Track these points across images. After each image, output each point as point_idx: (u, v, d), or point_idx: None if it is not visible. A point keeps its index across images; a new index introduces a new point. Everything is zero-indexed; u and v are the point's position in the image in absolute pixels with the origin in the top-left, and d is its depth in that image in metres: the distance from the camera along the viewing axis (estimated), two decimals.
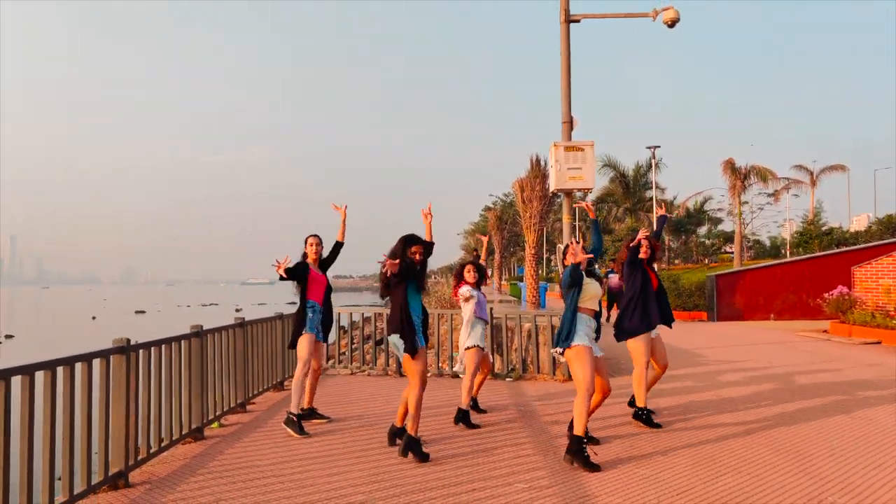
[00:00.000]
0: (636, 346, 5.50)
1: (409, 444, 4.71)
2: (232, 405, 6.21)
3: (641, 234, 5.74)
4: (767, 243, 56.02)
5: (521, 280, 29.28)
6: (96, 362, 3.99)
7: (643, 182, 41.42)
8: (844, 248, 19.40)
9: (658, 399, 6.61)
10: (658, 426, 5.48)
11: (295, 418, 5.57)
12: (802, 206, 55.02)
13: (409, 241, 4.90)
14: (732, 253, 47.80)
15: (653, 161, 27.56)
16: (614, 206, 42.23)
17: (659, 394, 6.89)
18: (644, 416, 5.55)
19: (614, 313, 13.64)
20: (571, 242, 4.86)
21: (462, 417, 5.71)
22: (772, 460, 4.46)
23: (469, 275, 6.12)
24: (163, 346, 4.84)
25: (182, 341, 5.18)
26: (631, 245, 5.78)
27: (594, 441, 5.00)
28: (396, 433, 4.98)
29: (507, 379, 8.14)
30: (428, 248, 5.01)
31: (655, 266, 5.98)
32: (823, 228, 32.59)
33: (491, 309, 8.16)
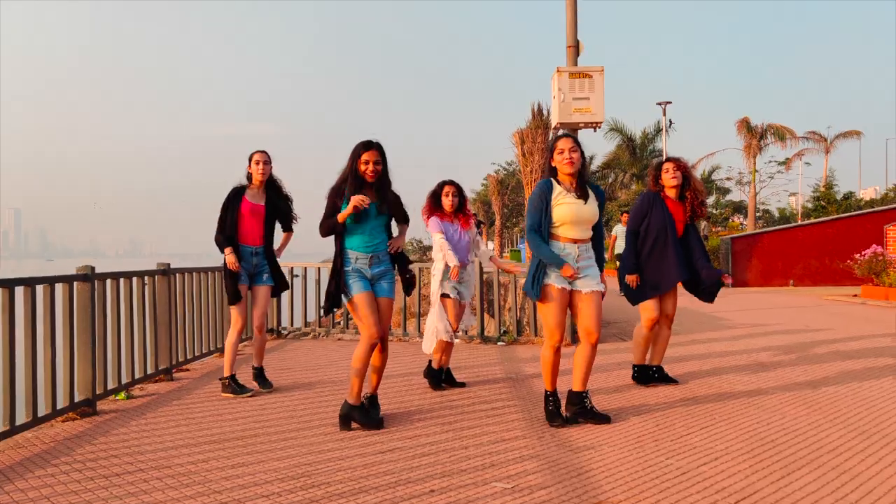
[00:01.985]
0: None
1: (346, 415, 3.67)
2: (150, 372, 4.96)
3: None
4: (776, 214, 54.43)
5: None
6: None
7: (651, 147, 39.76)
8: (874, 209, 17.89)
9: (684, 364, 5.34)
10: (655, 379, 4.71)
11: (227, 381, 4.56)
12: (814, 175, 53.51)
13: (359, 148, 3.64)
14: (742, 224, 46.27)
15: (663, 119, 25.99)
16: (621, 172, 40.65)
17: (685, 359, 5.63)
18: (635, 375, 4.73)
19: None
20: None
21: (428, 373, 4.74)
22: (859, 447, 3.18)
23: (447, 200, 4.64)
24: (38, 288, 3.57)
25: (57, 284, 3.90)
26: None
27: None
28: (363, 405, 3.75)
29: (500, 342, 6.87)
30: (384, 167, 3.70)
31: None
32: (841, 195, 31.03)
33: (480, 262, 6.86)
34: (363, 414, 3.65)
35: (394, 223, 3.91)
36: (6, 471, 3.04)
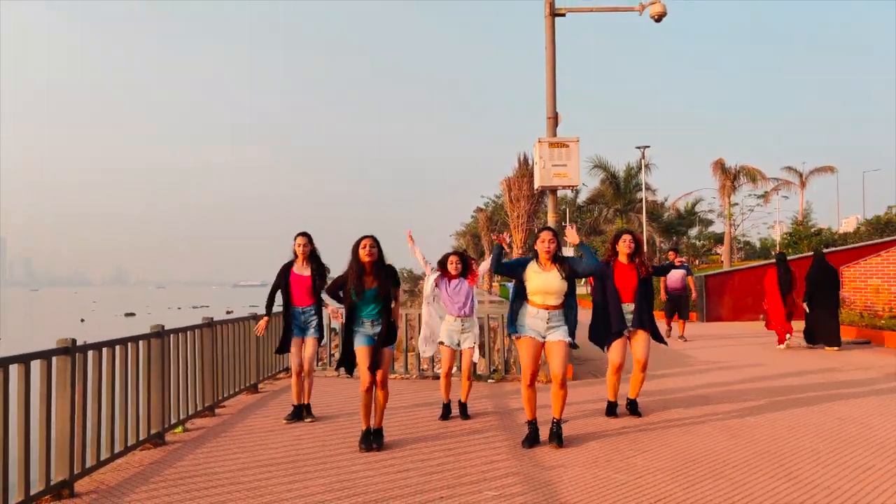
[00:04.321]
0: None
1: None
2: (199, 408, 5.96)
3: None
4: (757, 245, 56.08)
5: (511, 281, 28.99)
6: (36, 364, 3.74)
7: (634, 183, 41.34)
8: (832, 249, 19.28)
9: (643, 397, 6.40)
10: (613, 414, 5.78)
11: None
12: (792, 208, 55.38)
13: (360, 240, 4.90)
14: (721, 254, 47.77)
15: (643, 161, 27.45)
16: (605, 207, 42.13)
17: (646, 393, 6.69)
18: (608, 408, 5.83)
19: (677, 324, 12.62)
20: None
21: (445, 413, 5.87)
22: (755, 463, 4.26)
23: (452, 267, 5.87)
24: (117, 348, 4.58)
25: (140, 342, 4.93)
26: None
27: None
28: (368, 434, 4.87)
29: (490, 380, 7.93)
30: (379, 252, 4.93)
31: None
32: (813, 230, 32.63)
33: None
34: (365, 437, 4.84)
35: None
36: (116, 488, 4.04)
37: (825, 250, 19.76)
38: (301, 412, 5.91)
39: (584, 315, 5.31)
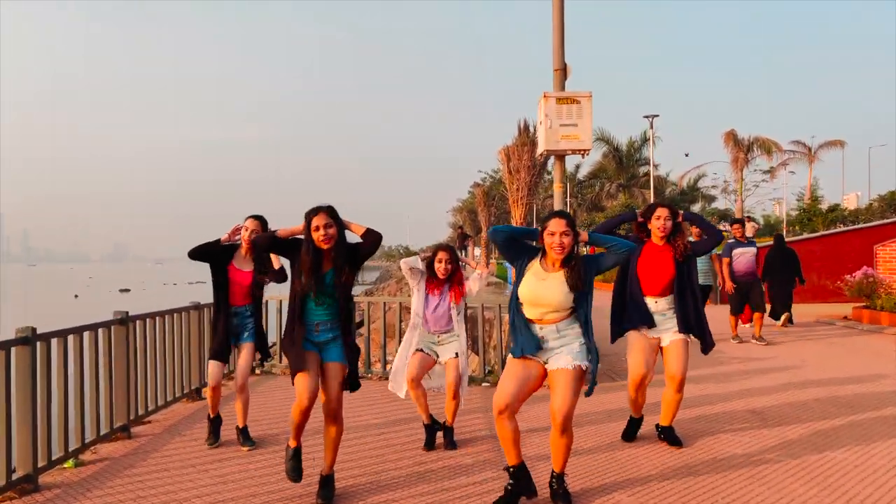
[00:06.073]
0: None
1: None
2: (105, 432, 4.58)
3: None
4: (761, 221, 54.83)
5: None
6: None
7: (637, 157, 39.87)
8: (862, 225, 17.85)
9: (680, 411, 5.05)
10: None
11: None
12: (798, 184, 54.02)
13: (311, 212, 3.42)
14: (727, 230, 46.42)
15: (651, 132, 25.92)
16: (607, 181, 40.67)
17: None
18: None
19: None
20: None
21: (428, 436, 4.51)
22: None
23: (440, 267, 4.44)
24: None
25: None
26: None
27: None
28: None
29: (484, 384, 6.56)
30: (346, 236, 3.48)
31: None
32: (827, 206, 31.26)
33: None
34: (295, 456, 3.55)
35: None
36: None
37: (854, 227, 18.38)
38: (219, 425, 4.66)
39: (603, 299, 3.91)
